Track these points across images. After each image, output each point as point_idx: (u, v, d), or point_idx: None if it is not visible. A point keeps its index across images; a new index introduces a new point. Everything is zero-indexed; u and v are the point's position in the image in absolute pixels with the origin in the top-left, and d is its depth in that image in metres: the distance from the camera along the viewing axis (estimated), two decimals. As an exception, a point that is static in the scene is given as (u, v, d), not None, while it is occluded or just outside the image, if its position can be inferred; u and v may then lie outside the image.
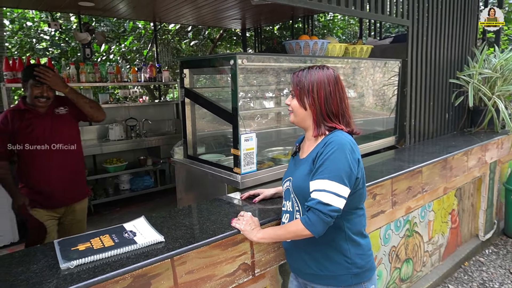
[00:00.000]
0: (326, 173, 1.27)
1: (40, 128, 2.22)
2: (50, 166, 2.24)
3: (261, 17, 6.14)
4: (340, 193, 1.26)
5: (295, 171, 1.44)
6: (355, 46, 3.03)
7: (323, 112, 1.37)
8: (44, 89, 2.18)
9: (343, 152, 1.28)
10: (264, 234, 1.42)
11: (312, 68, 1.41)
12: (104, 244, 1.32)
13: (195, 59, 2.26)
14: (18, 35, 7.22)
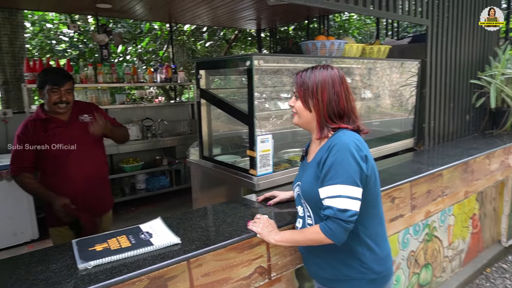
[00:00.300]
0: (335, 177, 1.23)
1: (65, 137, 2.07)
2: (75, 178, 2.09)
3: (276, 17, 6.12)
4: (354, 195, 1.22)
5: (303, 175, 1.42)
6: (373, 46, 2.98)
7: (325, 114, 1.33)
8: (62, 93, 2.03)
9: (348, 151, 1.24)
10: (282, 237, 1.39)
11: (316, 68, 1.37)
12: (121, 245, 1.32)
13: (211, 60, 2.25)
14: (38, 36, 7.39)
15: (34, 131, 2.03)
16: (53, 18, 7.49)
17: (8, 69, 4.98)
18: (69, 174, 2.07)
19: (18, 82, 4.80)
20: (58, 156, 2.05)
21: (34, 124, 2.05)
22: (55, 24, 7.54)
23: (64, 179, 2.07)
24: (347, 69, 2.68)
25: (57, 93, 2.02)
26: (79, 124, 2.15)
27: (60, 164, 2.06)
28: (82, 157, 2.10)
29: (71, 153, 2.06)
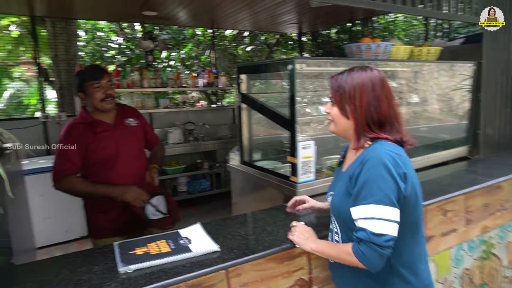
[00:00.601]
0: (369, 197, 1.10)
1: (112, 142, 1.97)
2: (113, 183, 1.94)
3: (318, 21, 6.02)
4: (391, 218, 1.09)
5: (336, 185, 1.32)
6: (421, 48, 2.81)
7: (363, 121, 1.20)
8: (104, 86, 1.93)
9: (384, 167, 1.10)
10: (318, 246, 1.29)
11: (353, 70, 1.24)
12: (161, 249, 1.32)
13: (252, 64, 2.23)
14: (90, 44, 7.82)
15: (82, 134, 1.93)
16: (104, 26, 7.91)
17: (63, 75, 5.29)
18: (114, 180, 1.94)
19: (71, 87, 5.08)
20: (105, 161, 1.95)
21: (81, 127, 1.95)
22: (105, 32, 7.95)
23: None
24: (392, 73, 2.55)
25: (99, 88, 1.92)
26: (125, 128, 2.07)
27: (106, 170, 1.95)
28: (128, 162, 2.01)
29: (118, 158, 1.98)
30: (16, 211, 2.33)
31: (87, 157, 1.94)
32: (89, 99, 1.95)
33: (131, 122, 2.11)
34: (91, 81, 1.92)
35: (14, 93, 7.20)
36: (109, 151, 1.96)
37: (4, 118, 6.52)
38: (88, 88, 1.93)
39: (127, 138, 2.05)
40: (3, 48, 6.52)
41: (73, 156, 1.91)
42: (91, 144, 1.94)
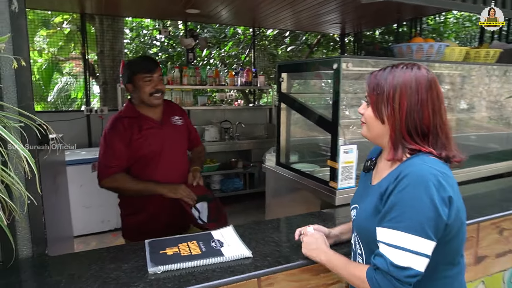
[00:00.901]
0: (398, 220, 0.93)
1: (158, 140, 1.87)
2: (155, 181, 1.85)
3: (362, 20, 5.80)
4: (420, 250, 0.91)
5: (363, 199, 1.13)
6: (479, 50, 2.59)
7: (403, 129, 1.00)
8: (155, 80, 1.83)
9: (424, 188, 0.92)
10: (328, 260, 1.12)
11: (397, 67, 1.04)
12: (192, 251, 1.27)
13: (294, 63, 2.15)
14: (135, 41, 8.09)
15: (127, 129, 1.82)
16: (148, 24, 8.14)
17: (108, 70, 5.49)
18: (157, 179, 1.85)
19: (114, 82, 5.25)
20: (148, 159, 1.85)
21: (126, 121, 1.84)
22: (149, 30, 8.18)
23: None
24: (446, 75, 2.36)
25: (150, 82, 1.82)
26: (172, 126, 1.96)
27: (147, 169, 1.85)
28: (171, 162, 1.91)
29: (161, 157, 1.87)
30: (57, 199, 2.41)
31: (130, 154, 1.84)
32: (137, 92, 1.85)
33: (177, 121, 2.01)
34: (143, 74, 1.81)
35: (62, 87, 7.59)
36: (154, 149, 1.85)
37: (52, 110, 6.89)
38: (138, 81, 1.82)
39: (173, 137, 1.94)
40: (56, 44, 6.89)
41: (119, 152, 1.81)
42: (136, 141, 1.83)
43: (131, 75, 1.84)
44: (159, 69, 1.88)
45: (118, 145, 1.80)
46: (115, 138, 1.81)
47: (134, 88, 1.86)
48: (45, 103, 7.52)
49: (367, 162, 1.23)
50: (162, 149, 1.87)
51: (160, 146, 1.87)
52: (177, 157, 1.96)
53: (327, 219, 1.69)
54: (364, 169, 1.23)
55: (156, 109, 1.92)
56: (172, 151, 1.92)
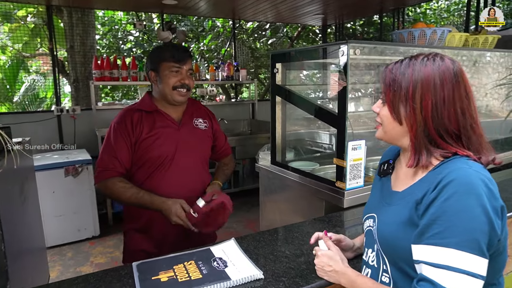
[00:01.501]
0: (448, 236, 0.77)
1: (172, 142, 1.59)
2: (161, 193, 1.53)
3: (343, 11, 5.71)
4: (477, 271, 0.75)
5: (383, 208, 0.97)
6: (477, 36, 2.48)
7: (431, 130, 0.86)
8: (184, 73, 1.58)
9: (477, 198, 0.77)
10: (351, 285, 0.96)
11: (417, 58, 0.90)
12: (190, 275, 1.06)
13: (291, 51, 1.94)
14: (107, 37, 7.67)
15: (136, 125, 1.56)
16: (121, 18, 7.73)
17: (79, 67, 5.13)
18: (163, 190, 1.54)
19: (87, 80, 4.91)
20: (157, 164, 1.57)
21: (137, 115, 1.58)
22: (122, 25, 7.78)
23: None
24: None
25: (178, 74, 1.57)
26: (193, 129, 1.67)
27: (156, 176, 1.57)
28: (184, 171, 1.61)
29: (172, 163, 1.58)
30: (25, 210, 2.13)
31: (137, 154, 1.57)
32: (160, 83, 1.58)
33: (200, 124, 1.71)
34: (171, 62, 1.56)
35: (29, 86, 7.10)
36: (165, 151, 1.57)
37: (19, 111, 6.42)
38: (163, 70, 1.57)
39: (191, 142, 1.64)
40: (20, 40, 6.41)
41: (122, 151, 1.55)
42: (145, 140, 1.56)
43: (157, 61, 1.58)
44: (190, 62, 1.62)
45: (121, 143, 1.54)
46: (119, 134, 1.55)
47: (157, 78, 1.60)
48: (11, 103, 7.01)
49: (384, 165, 1.06)
50: (174, 154, 1.58)
51: (172, 151, 1.58)
52: (192, 166, 1.64)
53: (337, 224, 1.52)
54: (380, 173, 1.06)
55: (178, 107, 1.65)
56: (187, 159, 1.61)
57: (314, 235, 1.12)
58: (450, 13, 7.81)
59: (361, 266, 1.05)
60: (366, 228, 1.03)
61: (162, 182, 1.57)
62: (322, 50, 1.71)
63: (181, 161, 1.60)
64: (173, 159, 1.58)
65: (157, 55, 1.60)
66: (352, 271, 0.98)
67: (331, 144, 2.45)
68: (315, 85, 2.36)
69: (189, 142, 1.63)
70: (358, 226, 1.53)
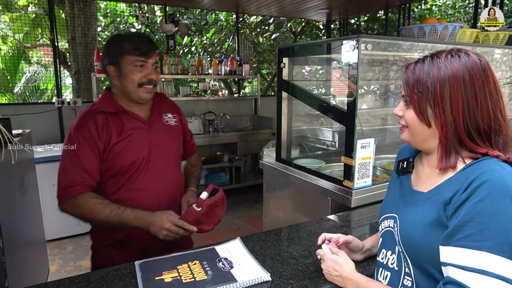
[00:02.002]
0: (481, 239, 0.74)
1: (143, 145, 1.41)
2: (139, 200, 1.39)
3: (349, 7, 5.63)
4: (509, 276, 0.72)
5: (405, 208, 0.93)
6: (488, 33, 2.43)
7: (460, 130, 0.83)
8: (150, 68, 1.38)
9: (510, 200, 0.74)
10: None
11: (440, 56, 0.85)
12: (195, 276, 1.02)
13: (299, 45, 1.89)
14: (109, 29, 7.59)
15: (102, 130, 1.35)
16: (124, 10, 7.65)
17: (80, 59, 5.08)
18: (139, 200, 1.38)
19: (88, 72, 4.86)
20: (132, 172, 1.38)
21: (101, 119, 1.37)
22: (124, 17, 7.70)
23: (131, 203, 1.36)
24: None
25: (143, 69, 1.36)
26: (164, 127, 1.50)
27: (131, 185, 1.39)
28: (162, 175, 1.45)
29: (148, 168, 1.41)
30: (24, 203, 2.09)
31: (106, 163, 1.37)
32: (123, 80, 1.37)
33: (170, 120, 1.55)
34: (135, 56, 1.35)
35: (30, 77, 7.04)
36: (139, 156, 1.39)
37: (19, 103, 6.37)
38: (126, 64, 1.35)
39: (164, 141, 1.48)
40: (21, 30, 6.34)
41: (89, 161, 1.32)
42: (116, 145, 1.36)
43: (118, 54, 1.36)
44: (156, 53, 1.41)
45: (87, 152, 1.32)
46: (83, 142, 1.32)
47: (118, 73, 1.38)
48: (11, 94, 6.96)
49: (403, 163, 1.01)
50: (149, 158, 1.42)
51: (147, 154, 1.41)
52: (168, 167, 1.49)
53: (344, 224, 1.48)
54: (400, 171, 1.02)
55: (145, 105, 1.46)
56: (163, 159, 1.46)
57: (321, 236, 1.09)
58: (455, 9, 7.72)
59: (376, 268, 1.01)
60: (384, 228, 0.99)
61: (139, 191, 1.39)
62: (332, 45, 1.66)
63: (157, 164, 1.43)
64: (148, 163, 1.41)
65: (117, 46, 1.37)
66: (361, 277, 0.94)
67: (336, 142, 2.41)
68: (322, 81, 2.31)
69: (163, 142, 1.47)
70: (366, 226, 1.50)
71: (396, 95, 2.41)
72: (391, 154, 2.23)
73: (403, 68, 0.91)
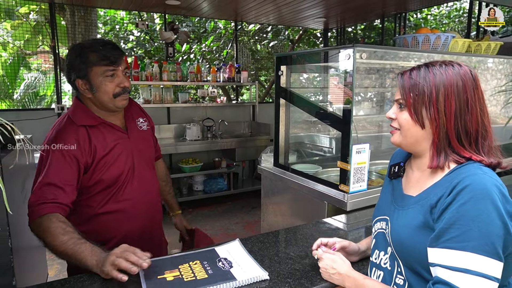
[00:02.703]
0: (464, 239, 0.79)
1: (128, 154, 1.41)
2: (128, 210, 1.40)
3: (345, 15, 5.73)
4: (493, 274, 0.77)
5: (396, 211, 0.98)
6: (480, 43, 2.50)
7: (450, 132, 0.89)
8: (121, 75, 1.34)
9: (491, 202, 0.79)
10: (352, 286, 0.98)
11: (434, 65, 0.93)
12: (196, 275, 1.06)
13: (296, 54, 1.95)
14: (109, 36, 7.66)
15: (84, 145, 1.29)
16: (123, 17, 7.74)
17: (80, 65, 5.12)
18: (127, 210, 1.40)
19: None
20: (116, 185, 1.37)
21: (82, 134, 1.31)
22: (124, 24, 7.78)
23: (110, 213, 1.37)
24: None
25: (115, 78, 1.32)
26: (140, 133, 1.50)
27: (113, 198, 1.37)
28: (143, 183, 1.45)
29: (133, 178, 1.41)
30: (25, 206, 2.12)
31: (91, 179, 1.32)
32: (95, 92, 1.32)
33: (142, 124, 1.53)
34: (103, 66, 1.29)
35: (30, 83, 7.08)
36: (125, 167, 1.38)
37: (19, 109, 6.40)
38: (95, 76, 1.30)
39: (143, 148, 1.48)
40: (22, 37, 6.39)
41: (64, 177, 1.23)
42: (102, 160, 1.32)
43: (85, 66, 1.29)
44: (125, 59, 1.38)
45: (64, 169, 1.24)
46: (60, 157, 1.25)
47: (89, 86, 1.32)
48: (11, 100, 6.99)
49: (394, 168, 1.07)
50: (134, 167, 1.41)
51: (131, 164, 1.40)
52: (149, 174, 1.49)
53: (341, 227, 1.52)
54: (391, 175, 1.07)
55: (118, 112, 1.42)
56: (144, 167, 1.47)
57: (317, 242, 1.13)
58: (450, 19, 7.85)
59: (370, 268, 1.06)
60: (377, 230, 1.04)
61: (127, 201, 1.39)
62: (328, 53, 1.72)
63: (140, 171, 1.43)
64: (133, 172, 1.41)
65: (82, 59, 1.30)
66: (358, 274, 0.99)
67: (333, 148, 2.46)
68: (319, 88, 2.37)
69: (141, 149, 1.46)
70: (361, 229, 1.54)
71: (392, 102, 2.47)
72: (387, 160, 2.27)
73: (399, 74, 0.97)
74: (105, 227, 1.37)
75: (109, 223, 1.37)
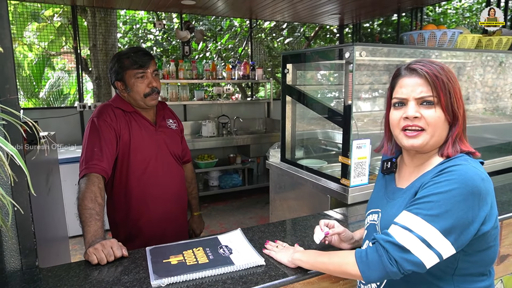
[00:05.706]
0: (426, 208, 0.84)
1: (152, 145, 1.62)
2: (154, 204, 1.64)
3: (361, 11, 5.69)
4: (435, 246, 0.82)
5: (388, 204, 1.03)
6: (491, 37, 2.48)
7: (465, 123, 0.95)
8: (150, 77, 1.57)
9: (471, 193, 0.83)
10: (303, 255, 1.08)
11: (432, 62, 0.96)
12: (198, 260, 1.15)
13: (300, 52, 2.01)
14: (128, 35, 7.88)
15: (121, 121, 1.56)
16: (142, 17, 7.93)
17: (101, 65, 5.32)
18: (143, 197, 1.62)
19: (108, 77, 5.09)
20: (142, 168, 1.60)
21: (118, 112, 1.58)
22: (143, 24, 7.98)
23: (136, 204, 1.61)
24: (461, 64, 2.25)
25: (145, 79, 1.56)
26: (167, 130, 1.71)
27: (134, 183, 1.60)
28: (168, 173, 1.67)
29: (157, 167, 1.63)
30: (50, 200, 2.28)
31: (123, 156, 1.56)
32: (130, 92, 1.57)
33: (171, 124, 1.76)
34: (134, 69, 1.54)
35: (54, 82, 7.39)
36: (149, 153, 1.60)
37: (44, 107, 6.70)
38: (129, 78, 1.55)
39: (169, 142, 1.69)
40: (47, 38, 6.68)
41: (107, 145, 1.49)
42: (126, 140, 1.56)
43: (121, 70, 1.56)
44: (154, 62, 1.60)
45: (106, 139, 1.50)
46: (104, 128, 1.51)
47: (125, 87, 1.58)
48: (37, 99, 7.32)
49: (387, 164, 1.12)
50: (156, 157, 1.63)
51: (154, 153, 1.63)
52: (174, 170, 1.71)
53: (340, 219, 1.58)
54: (384, 171, 1.12)
55: (150, 110, 1.67)
56: (169, 160, 1.69)
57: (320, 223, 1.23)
58: (472, 12, 7.65)
59: None
60: (369, 222, 1.10)
61: (149, 187, 1.61)
62: (330, 52, 1.77)
63: (163, 163, 1.65)
64: (156, 162, 1.62)
65: (118, 64, 1.57)
66: (308, 250, 1.15)
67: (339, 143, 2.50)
68: (323, 85, 2.42)
69: (167, 142, 1.68)
70: (362, 222, 1.59)
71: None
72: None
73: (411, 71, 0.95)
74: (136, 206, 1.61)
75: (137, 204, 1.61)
